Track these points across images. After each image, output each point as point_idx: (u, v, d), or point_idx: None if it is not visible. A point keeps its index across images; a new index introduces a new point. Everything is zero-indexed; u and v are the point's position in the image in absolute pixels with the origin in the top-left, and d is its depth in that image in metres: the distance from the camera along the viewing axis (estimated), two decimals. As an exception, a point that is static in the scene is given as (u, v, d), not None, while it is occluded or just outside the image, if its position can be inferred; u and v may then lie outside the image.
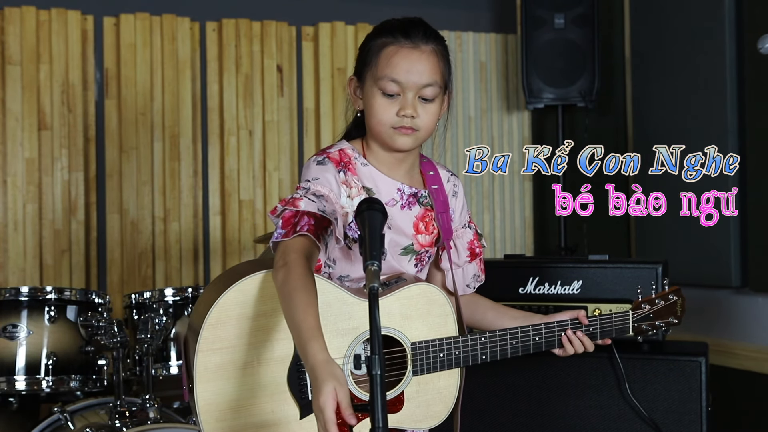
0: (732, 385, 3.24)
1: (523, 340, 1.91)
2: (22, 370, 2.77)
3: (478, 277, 2.02)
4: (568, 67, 3.79)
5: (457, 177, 2.01)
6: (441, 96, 1.86)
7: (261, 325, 1.71)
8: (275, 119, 3.97)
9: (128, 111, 3.77)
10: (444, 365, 1.83)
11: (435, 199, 1.92)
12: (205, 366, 1.69)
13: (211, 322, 1.68)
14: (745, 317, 3.28)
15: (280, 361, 1.73)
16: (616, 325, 1.98)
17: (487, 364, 2.73)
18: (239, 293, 1.70)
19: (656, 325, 2.01)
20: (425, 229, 1.91)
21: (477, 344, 1.85)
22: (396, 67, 1.79)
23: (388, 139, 1.83)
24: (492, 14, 4.43)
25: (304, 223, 1.70)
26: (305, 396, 1.73)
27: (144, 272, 3.76)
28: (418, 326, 1.81)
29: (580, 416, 2.67)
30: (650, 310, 2.01)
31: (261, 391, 1.72)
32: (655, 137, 3.67)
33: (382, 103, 1.81)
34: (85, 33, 3.75)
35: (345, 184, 1.81)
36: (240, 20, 3.93)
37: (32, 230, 3.63)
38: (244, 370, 1.71)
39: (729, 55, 3.29)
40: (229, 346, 1.70)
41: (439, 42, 1.86)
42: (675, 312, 2.03)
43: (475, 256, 1.99)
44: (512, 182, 4.34)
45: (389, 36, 1.83)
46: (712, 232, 3.35)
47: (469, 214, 2.04)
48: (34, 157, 3.63)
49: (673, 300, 2.03)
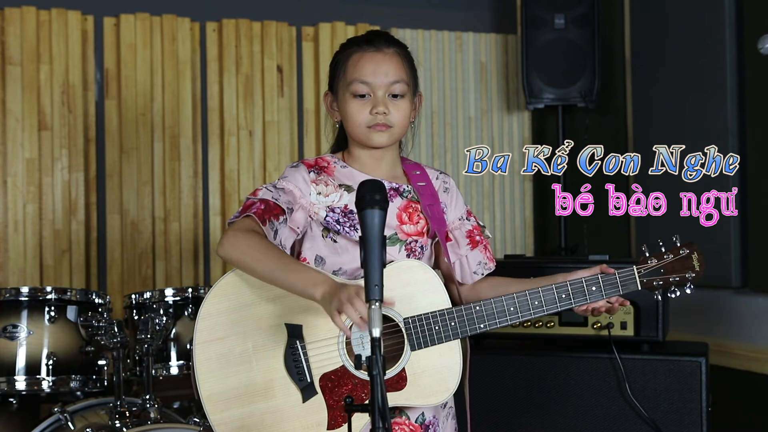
0: (732, 385, 3.23)
1: (521, 305, 1.87)
2: (23, 371, 2.77)
3: (486, 264, 2.03)
4: (568, 68, 3.79)
5: (448, 175, 2.07)
6: (410, 94, 1.94)
7: (248, 315, 1.81)
8: (275, 119, 3.97)
9: (128, 111, 3.77)
10: (441, 338, 1.83)
11: (421, 194, 1.96)
12: (204, 357, 1.80)
13: (202, 315, 1.81)
14: (745, 317, 3.27)
15: (275, 347, 1.80)
16: (622, 281, 1.89)
17: (488, 362, 2.72)
18: (225, 286, 1.82)
19: (669, 280, 1.90)
20: (409, 219, 1.94)
21: (472, 313, 1.85)
22: (363, 68, 1.90)
23: (365, 139, 1.92)
24: (492, 14, 4.43)
25: (255, 208, 1.83)
26: (304, 379, 1.80)
27: (144, 272, 3.76)
28: (409, 302, 1.83)
29: (580, 416, 2.68)
30: (659, 264, 1.90)
31: (261, 378, 1.79)
32: (655, 137, 3.66)
33: (354, 105, 1.91)
34: (85, 33, 3.75)
35: (315, 183, 1.91)
36: (240, 20, 3.93)
37: (32, 230, 3.63)
38: (241, 358, 1.79)
39: (729, 55, 3.28)
40: (222, 336, 1.80)
41: (402, 47, 1.97)
42: (691, 265, 1.92)
43: (477, 244, 2.01)
44: (512, 182, 4.34)
45: (354, 46, 1.95)
46: (712, 232, 3.33)
47: (467, 208, 2.07)
48: (35, 158, 3.64)
49: (685, 254, 1.92)
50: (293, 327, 1.80)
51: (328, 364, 1.81)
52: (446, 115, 4.22)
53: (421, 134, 4.15)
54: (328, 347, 1.81)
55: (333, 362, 1.81)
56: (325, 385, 1.80)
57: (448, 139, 4.21)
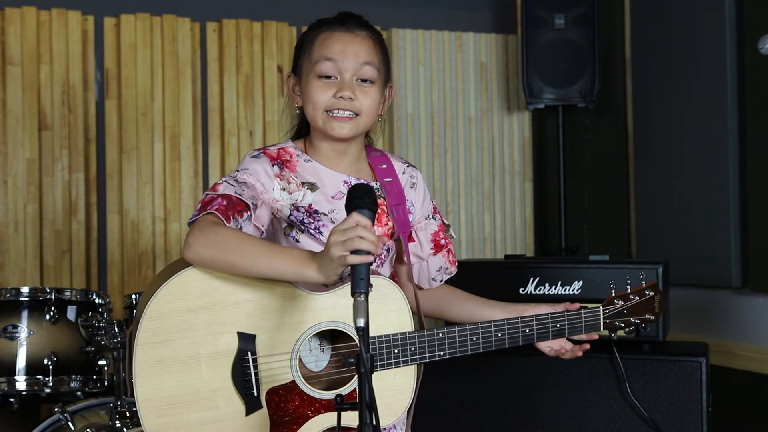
0: (732, 385, 3.22)
1: (485, 337, 1.78)
2: (23, 371, 2.77)
3: (446, 270, 1.95)
4: (568, 68, 3.78)
5: (415, 168, 1.94)
6: (380, 83, 1.80)
7: (202, 318, 1.67)
8: (275, 119, 3.96)
9: (129, 111, 3.76)
10: (399, 362, 1.72)
11: (388, 192, 1.85)
12: (144, 359, 1.65)
13: (149, 314, 1.64)
14: (745, 317, 3.27)
15: (224, 356, 1.68)
16: (586, 321, 1.88)
17: (490, 363, 2.70)
18: (179, 285, 1.66)
19: (630, 321, 1.92)
20: (377, 221, 1.82)
21: (434, 340, 1.74)
22: (331, 46, 1.77)
23: (326, 127, 1.78)
24: (492, 14, 4.42)
25: (216, 204, 1.69)
26: (250, 392, 1.69)
27: (144, 273, 3.75)
28: (372, 320, 1.67)
29: (580, 416, 2.67)
30: (623, 306, 1.92)
31: (204, 387, 1.67)
32: (656, 138, 3.67)
33: (317, 85, 1.76)
34: (85, 33, 3.74)
35: (278, 177, 1.78)
36: (240, 21, 3.92)
37: (33, 230, 3.62)
38: (185, 365, 1.66)
39: (729, 55, 3.28)
40: (169, 339, 1.65)
41: (375, 32, 1.83)
42: (652, 308, 1.93)
43: (440, 248, 1.93)
44: (513, 182, 4.32)
45: (323, 26, 1.82)
46: (712, 232, 3.35)
47: (433, 204, 1.96)
48: (35, 158, 3.63)
49: (649, 296, 1.93)
50: (246, 336, 1.68)
51: (277, 378, 1.70)
52: (446, 115, 4.20)
53: (421, 134, 4.13)
54: (280, 361, 1.70)
55: (283, 377, 1.70)
56: (271, 400, 1.70)
57: (448, 140, 4.20)
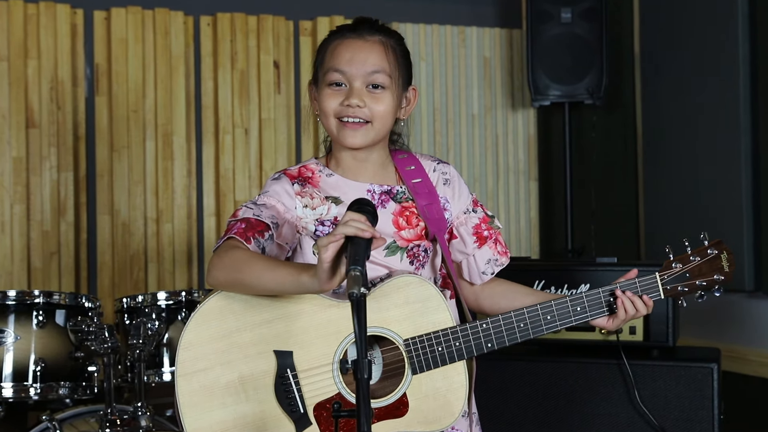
0: (745, 392, 3.23)
1: (533, 322, 1.77)
2: (9, 377, 2.75)
3: (496, 261, 1.92)
4: (575, 63, 3.79)
5: (447, 164, 1.95)
6: (394, 87, 1.82)
7: (234, 342, 1.72)
8: (272, 117, 3.97)
9: (119, 108, 3.76)
10: (445, 359, 1.73)
11: (417, 193, 1.86)
12: (188, 389, 1.71)
13: (183, 345, 1.72)
14: (758, 322, 3.27)
15: (263, 376, 1.71)
16: (643, 290, 1.78)
17: (496, 369, 2.70)
18: (207, 312, 1.73)
19: (696, 285, 1.77)
20: (407, 224, 1.84)
21: (479, 332, 1.75)
22: (339, 56, 1.81)
23: (339, 136, 1.83)
24: (496, 8, 4.44)
25: (236, 228, 1.74)
26: (296, 410, 1.71)
27: (136, 275, 3.76)
28: (410, 322, 1.74)
29: (588, 424, 2.68)
30: (683, 269, 1.77)
31: (250, 410, 1.71)
32: (665, 136, 3.66)
33: (327, 93, 1.82)
34: (74, 27, 3.76)
35: (300, 195, 1.82)
36: (235, 14, 3.94)
37: (20, 232, 3.62)
38: (227, 390, 1.71)
39: (742, 50, 3.28)
40: (208, 366, 1.71)
41: (390, 35, 1.86)
42: (719, 267, 1.77)
43: (485, 240, 1.90)
44: (517, 183, 4.35)
45: (338, 33, 1.86)
46: (724, 234, 3.30)
47: (473, 197, 1.95)
48: (22, 156, 3.64)
49: (713, 254, 1.77)
50: (283, 354, 1.71)
51: (322, 392, 1.72)
52: (449, 113, 4.23)
53: (423, 132, 4.17)
54: (322, 374, 1.72)
55: (328, 390, 1.72)
56: (319, 415, 1.71)
57: (450, 137, 4.21)
